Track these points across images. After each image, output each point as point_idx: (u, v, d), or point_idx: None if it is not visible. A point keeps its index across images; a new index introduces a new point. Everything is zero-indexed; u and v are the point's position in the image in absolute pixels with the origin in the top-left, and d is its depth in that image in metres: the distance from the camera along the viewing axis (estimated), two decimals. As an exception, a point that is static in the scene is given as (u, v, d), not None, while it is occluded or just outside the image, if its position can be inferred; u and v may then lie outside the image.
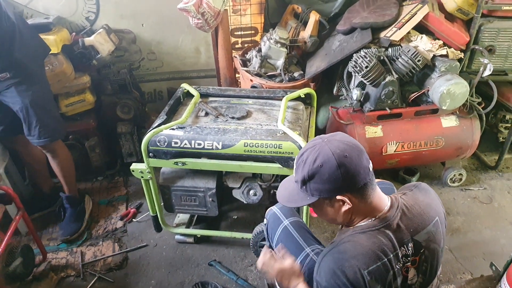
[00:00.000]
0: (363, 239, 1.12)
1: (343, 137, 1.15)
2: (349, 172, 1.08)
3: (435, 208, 1.25)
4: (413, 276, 1.18)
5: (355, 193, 1.12)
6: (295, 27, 2.73)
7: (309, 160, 1.12)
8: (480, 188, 2.72)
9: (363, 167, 1.10)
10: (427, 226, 1.19)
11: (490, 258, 2.05)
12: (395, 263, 1.12)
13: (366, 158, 1.13)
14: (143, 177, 1.99)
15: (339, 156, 1.08)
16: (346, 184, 1.10)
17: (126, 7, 2.70)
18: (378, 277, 1.08)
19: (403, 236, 1.14)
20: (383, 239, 1.12)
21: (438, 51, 2.27)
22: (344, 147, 1.10)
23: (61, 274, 2.13)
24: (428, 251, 1.19)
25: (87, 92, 2.56)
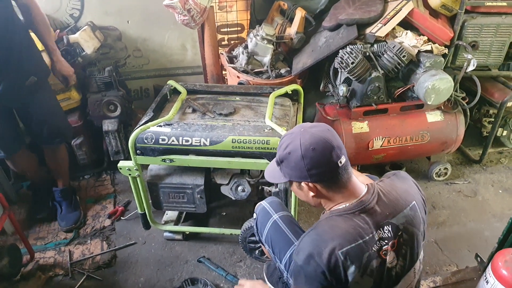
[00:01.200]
0: (339, 221, 1.17)
1: (321, 130, 1.20)
2: (312, 164, 1.15)
3: (412, 193, 1.29)
4: (392, 260, 1.20)
5: (321, 184, 1.20)
6: (281, 24, 2.74)
7: (282, 146, 1.22)
8: (464, 182, 2.77)
9: (330, 162, 1.16)
10: (404, 210, 1.23)
11: (474, 250, 2.09)
12: (371, 245, 1.15)
13: (337, 154, 1.16)
14: (130, 175, 1.99)
15: (306, 148, 1.15)
16: (310, 174, 1.17)
17: (111, 3, 2.67)
18: (352, 257, 1.12)
19: (379, 219, 1.18)
20: (359, 222, 1.16)
21: (423, 47, 2.30)
22: (314, 141, 1.16)
23: (49, 273, 2.11)
24: (406, 234, 1.21)
25: (72, 90, 2.53)
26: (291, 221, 1.60)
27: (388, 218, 1.19)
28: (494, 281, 1.56)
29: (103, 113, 2.57)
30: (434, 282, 1.91)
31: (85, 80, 2.59)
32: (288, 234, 1.54)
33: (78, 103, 2.60)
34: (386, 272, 1.20)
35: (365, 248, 1.14)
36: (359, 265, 1.13)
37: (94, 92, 2.58)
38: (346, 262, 1.11)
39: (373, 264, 1.15)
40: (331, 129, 1.23)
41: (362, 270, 1.14)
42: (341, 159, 1.16)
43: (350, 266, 1.12)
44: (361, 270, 1.13)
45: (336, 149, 1.16)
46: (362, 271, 1.14)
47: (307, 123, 1.25)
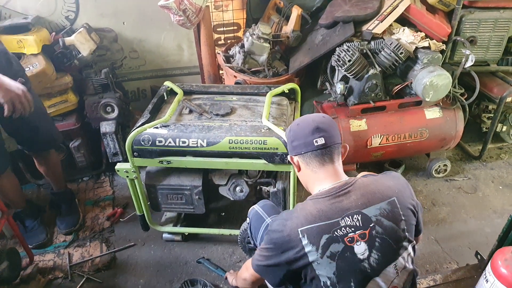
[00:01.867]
0: (309, 204, 1.28)
1: (316, 115, 1.40)
2: (293, 137, 1.37)
3: (395, 190, 1.29)
4: (364, 251, 1.21)
5: (300, 158, 1.35)
6: (278, 22, 2.72)
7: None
8: (464, 178, 2.76)
9: (306, 138, 1.32)
10: (380, 203, 1.24)
11: (475, 247, 2.08)
12: (334, 229, 1.20)
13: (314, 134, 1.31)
14: (128, 177, 1.98)
15: (294, 123, 1.40)
16: (293, 146, 1.37)
17: (106, 5, 2.66)
18: (310, 237, 1.20)
19: (349, 207, 1.23)
20: (325, 207, 1.24)
21: (420, 43, 2.29)
22: (302, 120, 1.38)
23: (48, 276, 2.11)
24: (380, 228, 1.22)
25: (69, 92, 2.53)
26: None
27: (358, 207, 1.23)
28: (494, 280, 1.55)
29: (101, 115, 2.57)
30: (434, 280, 1.90)
31: (82, 82, 2.58)
32: None
33: (75, 105, 2.59)
34: (357, 262, 1.20)
35: (325, 230, 1.20)
36: (317, 245, 1.19)
37: (91, 94, 2.57)
38: (303, 240, 1.20)
39: (335, 248, 1.19)
40: (329, 119, 1.37)
41: (321, 251, 1.19)
42: (317, 139, 1.30)
43: (307, 245, 1.20)
44: (319, 251, 1.19)
45: (316, 130, 1.31)
46: (321, 252, 1.19)
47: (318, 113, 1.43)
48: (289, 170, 1.88)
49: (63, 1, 2.57)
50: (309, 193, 1.39)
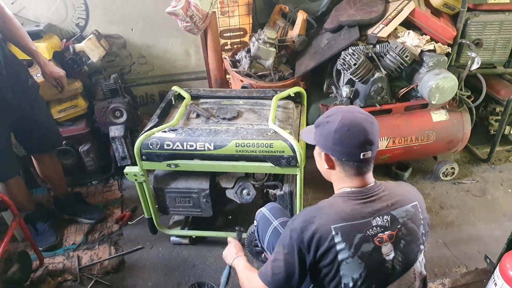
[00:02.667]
0: (339, 201, 1.23)
1: (365, 119, 1.24)
2: (339, 142, 1.22)
3: (415, 196, 1.32)
4: (390, 252, 1.20)
5: (338, 161, 1.26)
6: (283, 27, 2.75)
7: (326, 113, 1.30)
8: (472, 181, 2.74)
9: (354, 148, 1.21)
10: (406, 205, 1.25)
11: (484, 250, 2.07)
12: (366, 229, 1.18)
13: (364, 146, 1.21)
14: (137, 180, 2.01)
15: (342, 125, 1.22)
16: (333, 149, 1.24)
17: (115, 12, 2.71)
18: (344, 235, 1.16)
19: (379, 207, 1.22)
20: (358, 206, 1.21)
21: (426, 46, 2.30)
22: (353, 124, 1.22)
23: (58, 278, 2.13)
24: (405, 229, 1.23)
25: (79, 97, 2.58)
26: None
27: (388, 208, 1.22)
28: (503, 283, 1.54)
29: (110, 119, 2.61)
30: (442, 284, 1.89)
31: (91, 87, 2.63)
32: None
33: (85, 110, 2.63)
34: (382, 263, 1.20)
35: (359, 229, 1.17)
36: (350, 244, 1.16)
37: (100, 99, 2.61)
38: (337, 237, 1.15)
39: (366, 248, 1.17)
40: (376, 124, 1.26)
41: (354, 250, 1.16)
42: (366, 153, 1.21)
43: (340, 243, 1.15)
44: (351, 250, 1.16)
45: (366, 142, 1.21)
46: (354, 251, 1.16)
47: (358, 108, 1.30)
48: (295, 173, 1.89)
49: (74, 9, 2.63)
50: (315, 195, 1.39)
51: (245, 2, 2.95)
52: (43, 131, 2.18)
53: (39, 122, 2.14)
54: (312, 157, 1.40)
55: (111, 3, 2.67)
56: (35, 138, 2.17)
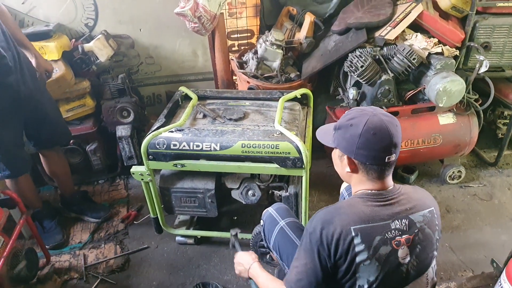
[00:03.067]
0: (359, 202, 1.21)
1: (390, 122, 1.20)
2: (365, 146, 1.19)
3: (431, 201, 1.31)
4: (406, 256, 1.20)
5: (362, 165, 1.23)
6: (291, 29, 2.75)
7: (348, 116, 1.26)
8: (479, 185, 2.72)
9: (380, 153, 1.19)
10: (424, 210, 1.25)
11: (491, 255, 2.05)
12: (385, 231, 1.17)
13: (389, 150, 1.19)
14: (143, 180, 2.02)
15: (368, 129, 1.18)
16: (357, 153, 1.21)
17: (124, 13, 2.73)
18: (364, 236, 1.15)
19: (398, 211, 1.21)
20: (378, 208, 1.20)
21: (434, 49, 2.29)
22: (378, 127, 1.18)
23: (64, 276, 2.15)
24: (422, 234, 1.22)
25: (87, 97, 2.60)
26: (298, 227, 1.60)
27: (406, 212, 1.21)
28: (509, 287, 1.53)
29: (117, 119, 2.63)
30: (448, 288, 1.88)
31: (99, 87, 2.65)
32: (295, 241, 1.55)
33: (93, 109, 2.66)
34: (398, 267, 1.20)
35: (378, 231, 1.16)
36: (369, 246, 1.15)
37: (108, 99, 2.63)
38: (356, 239, 1.14)
39: (383, 250, 1.17)
40: (399, 126, 1.23)
41: (372, 252, 1.15)
42: (391, 156, 1.20)
43: (359, 244, 1.14)
44: (370, 252, 1.15)
45: (392, 146, 1.19)
46: (372, 253, 1.15)
47: (380, 109, 1.26)
48: (301, 175, 1.89)
49: (83, 9, 2.65)
50: (321, 197, 1.38)
51: (253, 3, 2.96)
52: (52, 125, 2.21)
53: (48, 115, 2.17)
54: (318, 159, 1.39)
55: (120, 4, 2.70)
56: (44, 132, 2.19)
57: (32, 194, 2.32)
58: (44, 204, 2.42)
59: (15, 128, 2.03)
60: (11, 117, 1.98)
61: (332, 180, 1.27)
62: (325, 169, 1.34)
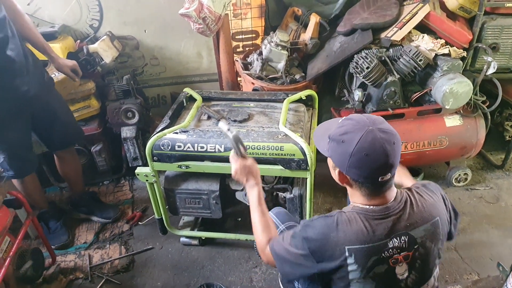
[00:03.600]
0: (358, 219, 1.16)
1: (387, 140, 1.11)
2: (356, 165, 1.13)
3: (438, 208, 1.25)
4: (404, 272, 1.18)
5: (354, 181, 1.18)
6: (296, 30, 2.74)
7: (342, 129, 1.16)
8: (486, 187, 2.69)
9: (373, 173, 1.12)
10: (425, 224, 1.19)
11: (497, 258, 2.04)
12: (382, 251, 1.14)
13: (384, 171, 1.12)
14: (148, 181, 2.03)
15: (360, 149, 1.10)
16: (349, 170, 1.15)
17: (129, 14, 2.74)
18: (358, 257, 1.13)
19: (398, 228, 1.16)
20: (376, 226, 1.15)
21: (440, 50, 2.27)
22: (372, 148, 1.10)
23: (70, 276, 2.17)
24: (423, 249, 1.19)
25: (92, 98, 2.61)
26: None
27: (407, 229, 1.17)
28: (516, 291, 1.52)
29: (122, 120, 2.63)
30: (453, 291, 1.86)
31: (104, 88, 2.66)
32: None
33: (98, 111, 2.66)
34: (395, 283, 1.18)
35: (374, 252, 1.14)
36: (363, 267, 1.13)
37: (112, 100, 2.64)
38: (349, 259, 1.12)
39: (379, 269, 1.15)
40: (399, 141, 1.15)
41: (366, 272, 1.14)
42: (385, 176, 1.13)
43: (352, 264, 1.13)
44: (364, 272, 1.14)
45: (386, 167, 1.11)
46: (365, 273, 1.14)
47: (380, 119, 1.17)
48: (305, 177, 1.89)
49: (88, 10, 2.66)
50: (325, 199, 1.37)
51: (258, 4, 2.95)
52: (63, 125, 2.22)
53: (58, 115, 2.18)
54: (323, 161, 1.36)
55: (125, 5, 2.70)
56: (56, 133, 2.19)
57: (39, 194, 2.33)
58: (50, 205, 2.43)
59: (21, 130, 2.04)
60: (17, 119, 1.99)
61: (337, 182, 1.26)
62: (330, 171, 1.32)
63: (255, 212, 1.43)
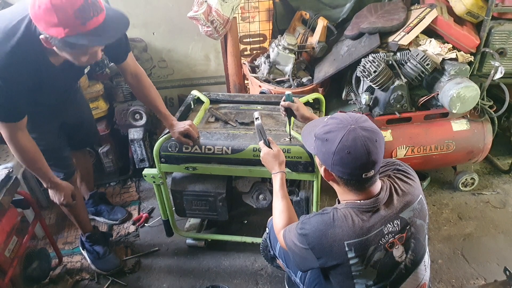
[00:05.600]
0: (352, 214, 1.20)
1: (368, 138, 1.15)
2: (340, 163, 1.17)
3: (418, 187, 1.31)
4: (402, 254, 1.23)
5: (339, 178, 1.22)
6: (303, 33, 2.75)
7: (326, 127, 1.20)
8: (493, 192, 2.68)
9: (356, 170, 1.16)
10: (412, 204, 1.25)
11: (504, 263, 2.03)
12: (379, 239, 1.18)
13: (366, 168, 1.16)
14: (155, 182, 2.03)
15: (342, 148, 1.15)
16: (333, 167, 1.19)
17: (137, 16, 2.76)
18: (357, 250, 1.17)
19: (390, 214, 1.21)
20: (370, 218, 1.19)
21: (448, 55, 2.27)
22: (354, 146, 1.14)
23: (76, 277, 2.18)
24: (414, 228, 1.24)
25: (100, 99, 2.63)
26: None
27: (398, 213, 1.22)
28: (523, 296, 1.51)
29: (129, 122, 2.65)
30: (460, 296, 1.85)
31: (112, 90, 2.67)
32: None
33: (106, 112, 2.69)
34: (395, 266, 1.22)
35: (372, 242, 1.18)
36: (364, 257, 1.17)
37: (120, 101, 2.66)
38: (350, 253, 1.16)
39: (377, 256, 1.19)
40: (381, 139, 1.18)
41: (367, 261, 1.18)
42: (368, 173, 1.16)
43: (353, 258, 1.17)
44: (365, 262, 1.18)
45: (369, 164, 1.15)
46: (366, 262, 1.18)
47: (363, 118, 1.20)
48: (312, 179, 1.89)
49: (97, 12, 2.68)
50: (332, 202, 1.39)
51: (266, 8, 2.96)
52: (89, 126, 2.23)
53: (85, 116, 2.18)
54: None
55: (134, 8, 2.72)
56: (81, 133, 2.17)
57: (85, 214, 2.24)
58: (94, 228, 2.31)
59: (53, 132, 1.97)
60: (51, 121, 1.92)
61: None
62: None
63: (277, 196, 1.53)
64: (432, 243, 2.30)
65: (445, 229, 2.41)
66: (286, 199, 1.50)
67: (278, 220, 1.46)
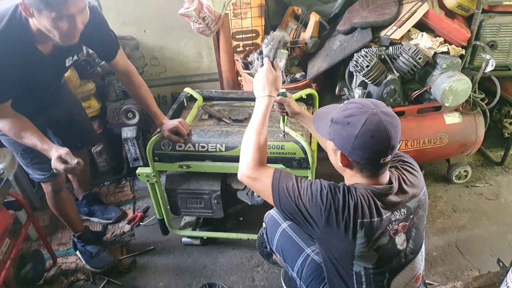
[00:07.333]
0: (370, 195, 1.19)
1: (390, 123, 1.14)
2: (361, 147, 1.15)
3: (422, 179, 1.34)
4: (403, 242, 1.24)
5: (356, 163, 1.21)
6: (296, 29, 2.75)
7: (346, 112, 1.18)
8: (486, 184, 2.71)
9: (376, 155, 1.16)
10: (419, 195, 1.27)
11: (497, 254, 2.05)
12: (386, 224, 1.19)
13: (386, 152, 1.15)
14: (148, 181, 2.02)
15: (366, 131, 1.13)
16: (352, 152, 1.17)
17: (128, 14, 2.74)
18: (367, 230, 1.16)
19: (398, 202, 1.22)
20: (382, 202, 1.20)
21: (439, 48, 2.27)
22: (377, 130, 1.13)
23: (71, 278, 2.16)
24: (417, 218, 1.27)
25: (92, 98, 2.61)
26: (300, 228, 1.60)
27: (406, 201, 1.24)
28: (516, 287, 1.52)
29: (122, 121, 2.63)
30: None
31: (104, 89, 2.65)
32: (298, 242, 1.55)
33: (98, 111, 2.66)
34: (396, 254, 1.24)
35: (380, 226, 1.18)
36: (370, 239, 1.17)
37: (113, 100, 2.64)
38: (360, 232, 1.16)
39: (382, 241, 1.20)
40: (400, 124, 1.18)
41: (371, 244, 1.18)
42: (386, 158, 1.17)
43: (361, 238, 1.16)
44: (370, 244, 1.18)
45: (389, 149, 1.15)
46: (371, 245, 1.18)
47: (383, 104, 1.20)
48: (307, 175, 1.89)
49: (87, 10, 2.65)
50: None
51: (258, 4, 2.95)
52: (79, 125, 2.19)
53: (74, 114, 2.13)
54: (324, 159, 1.38)
55: (124, 5, 2.70)
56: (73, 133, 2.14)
57: (76, 214, 2.22)
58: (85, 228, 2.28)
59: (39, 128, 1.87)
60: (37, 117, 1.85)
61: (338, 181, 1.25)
62: (331, 169, 1.31)
63: (256, 121, 1.38)
64: (427, 235, 2.32)
65: (439, 221, 2.43)
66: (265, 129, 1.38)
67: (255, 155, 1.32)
